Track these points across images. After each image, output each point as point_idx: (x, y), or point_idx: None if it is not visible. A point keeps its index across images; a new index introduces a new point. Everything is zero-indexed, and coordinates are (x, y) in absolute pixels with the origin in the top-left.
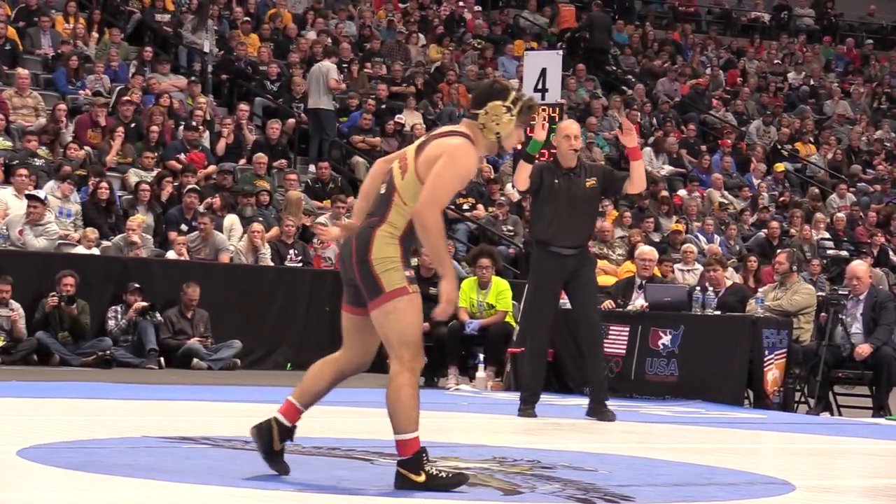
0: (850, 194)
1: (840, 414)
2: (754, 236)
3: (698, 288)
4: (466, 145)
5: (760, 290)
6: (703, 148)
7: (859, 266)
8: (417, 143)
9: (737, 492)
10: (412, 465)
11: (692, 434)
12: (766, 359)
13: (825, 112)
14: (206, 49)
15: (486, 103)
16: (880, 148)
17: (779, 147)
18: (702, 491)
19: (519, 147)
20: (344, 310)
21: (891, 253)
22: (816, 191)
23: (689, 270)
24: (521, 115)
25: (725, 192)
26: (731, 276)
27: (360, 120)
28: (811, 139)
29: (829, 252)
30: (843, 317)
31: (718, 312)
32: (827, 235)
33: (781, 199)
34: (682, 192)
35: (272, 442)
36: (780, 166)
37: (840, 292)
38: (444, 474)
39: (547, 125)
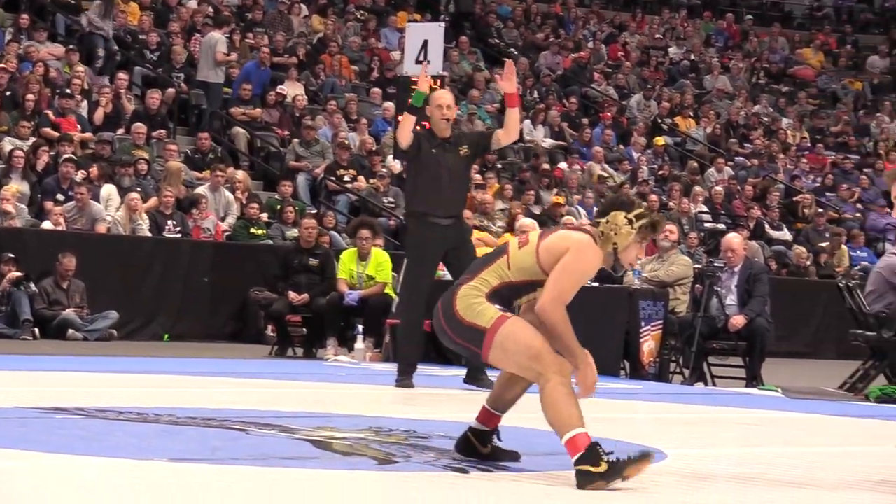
0: (728, 168)
1: (714, 384)
2: None
3: None
4: (593, 243)
5: (638, 261)
6: (585, 121)
7: (734, 238)
8: (541, 230)
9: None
10: (590, 459)
11: None
12: (642, 330)
13: (705, 87)
14: (110, 36)
15: (609, 212)
16: (758, 122)
17: (659, 121)
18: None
19: (633, 265)
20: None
21: (766, 226)
22: (695, 164)
23: None
24: (641, 231)
25: (606, 166)
26: None
27: (240, 91)
28: (691, 113)
29: (707, 225)
30: (718, 288)
31: (596, 284)
32: (704, 208)
33: (661, 172)
34: (562, 165)
35: (477, 450)
36: (659, 140)
37: (715, 264)
38: (625, 458)
39: (430, 78)
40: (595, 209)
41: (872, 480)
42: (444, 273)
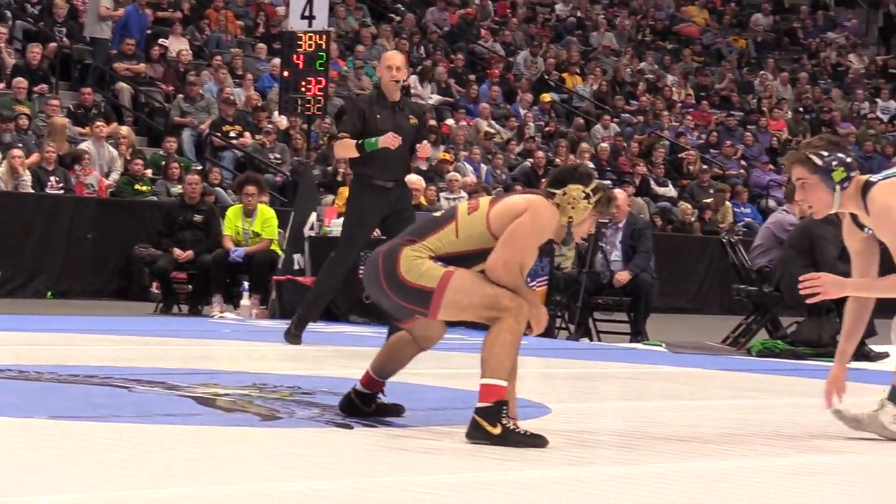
0: (614, 125)
1: (599, 339)
2: (520, 166)
3: None
4: (549, 204)
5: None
6: (471, 78)
7: (619, 194)
8: (493, 196)
9: None
10: (490, 415)
11: (454, 360)
12: (528, 286)
13: (591, 43)
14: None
15: (566, 184)
16: (643, 79)
17: (545, 77)
18: (460, 414)
19: (583, 238)
20: (401, 325)
21: (652, 182)
22: (581, 121)
23: (455, 199)
24: (598, 206)
25: (492, 122)
26: None
27: (124, 45)
28: (577, 70)
29: None
30: (603, 244)
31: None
32: (591, 165)
33: (547, 128)
34: (449, 122)
35: (360, 410)
36: (546, 96)
37: (600, 220)
38: (521, 431)
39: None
40: (481, 166)
41: (752, 433)
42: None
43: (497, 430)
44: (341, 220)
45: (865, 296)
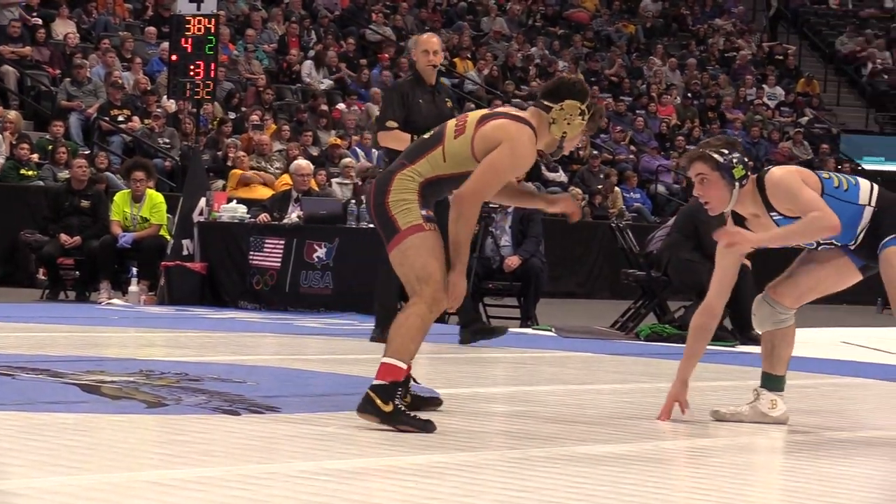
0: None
1: (490, 324)
2: None
3: (353, 201)
4: (530, 137)
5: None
6: (363, 62)
7: None
8: (482, 113)
9: None
10: (384, 393)
11: (344, 345)
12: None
13: (482, 28)
14: None
15: (564, 99)
16: (534, 65)
17: None
18: (348, 400)
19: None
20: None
21: (542, 168)
22: (472, 106)
23: (346, 184)
24: (591, 122)
25: None
26: None
27: (9, 28)
28: (468, 55)
29: None
30: (493, 229)
31: (373, 226)
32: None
33: None
34: (341, 106)
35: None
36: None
37: (490, 205)
38: (411, 413)
39: None
40: (373, 151)
41: (640, 416)
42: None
43: (388, 408)
44: (231, 204)
45: (781, 244)
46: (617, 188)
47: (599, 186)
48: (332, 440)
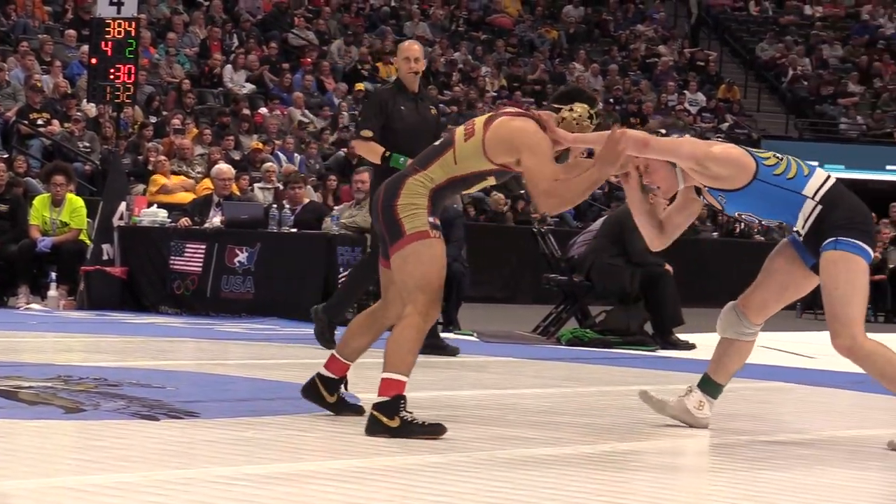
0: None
1: None
2: (334, 155)
3: (275, 206)
4: (538, 129)
5: (336, 208)
6: (285, 66)
7: None
8: (487, 115)
9: (301, 405)
10: (387, 409)
11: (265, 350)
12: (340, 276)
13: (405, 33)
14: None
15: (573, 101)
16: (457, 70)
17: (359, 67)
18: (267, 405)
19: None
20: (381, 264)
21: None
22: None
23: (268, 189)
24: (599, 129)
25: (306, 111)
26: (310, 195)
27: None
28: (391, 60)
29: None
30: None
31: (295, 230)
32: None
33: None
34: (263, 111)
35: (323, 397)
36: (360, 86)
37: None
38: (420, 421)
39: None
40: (295, 155)
41: (560, 421)
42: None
43: (395, 423)
44: (152, 209)
45: (668, 157)
46: None
47: (522, 192)
48: (251, 445)
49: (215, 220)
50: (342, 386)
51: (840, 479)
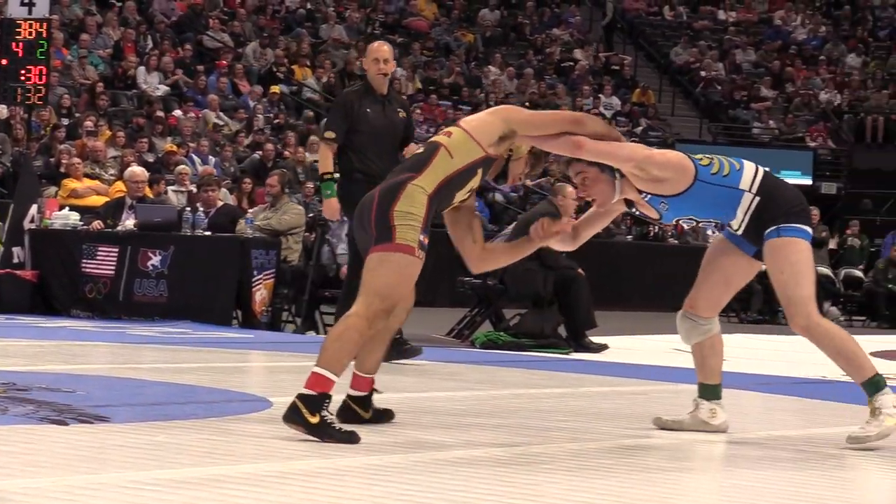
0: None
1: (325, 333)
2: (249, 158)
3: (188, 209)
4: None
5: (251, 210)
6: (200, 68)
7: None
8: (456, 123)
9: (213, 409)
10: (312, 404)
11: (178, 354)
12: (254, 279)
13: (321, 36)
14: None
15: None
16: None
17: (275, 69)
18: (180, 409)
19: (514, 182)
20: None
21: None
22: (311, 114)
23: (182, 191)
24: (537, 157)
25: (221, 114)
26: (224, 198)
27: None
28: (307, 62)
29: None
30: (330, 237)
31: (209, 233)
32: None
33: (276, 121)
34: (177, 113)
35: (360, 416)
36: (275, 88)
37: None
38: (337, 426)
39: None
40: (210, 158)
41: (474, 423)
42: None
43: (315, 420)
44: (63, 211)
45: (604, 160)
46: None
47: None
48: (162, 450)
49: (128, 222)
50: (372, 396)
51: (747, 480)
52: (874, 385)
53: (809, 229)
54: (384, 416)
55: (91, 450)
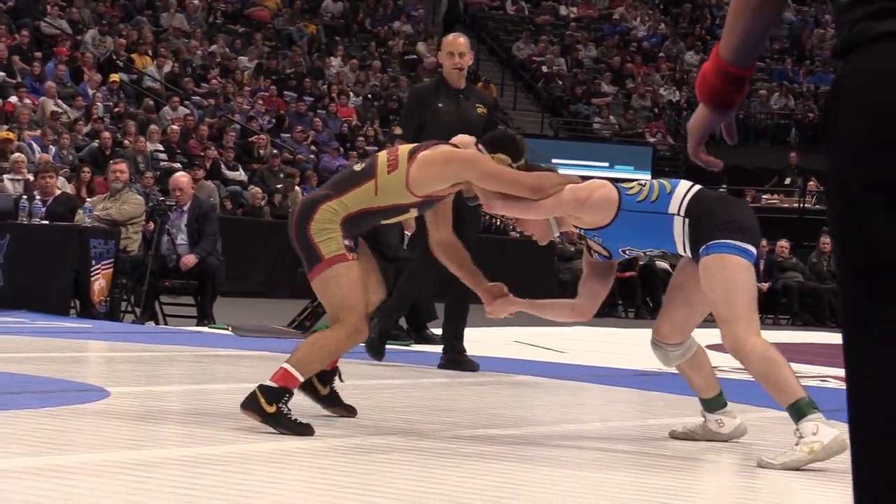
0: (184, 107)
1: (166, 323)
2: (88, 146)
3: (25, 197)
4: (454, 151)
5: (90, 199)
6: (38, 55)
7: (181, 177)
8: (410, 147)
9: (48, 399)
10: (271, 394)
11: (13, 343)
12: (93, 268)
13: (162, 24)
14: None
15: (498, 151)
16: (214, 63)
17: (114, 57)
18: (14, 399)
19: (490, 212)
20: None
21: (222, 166)
22: (151, 102)
23: (18, 179)
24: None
25: (59, 101)
26: (62, 187)
27: None
28: (148, 51)
29: (163, 164)
30: (169, 227)
31: (47, 222)
32: (161, 147)
33: (116, 109)
34: (13, 100)
35: (316, 389)
36: (115, 77)
37: (167, 203)
38: (292, 417)
39: None
40: (50, 147)
41: (306, 415)
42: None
43: (271, 409)
44: None
45: (544, 215)
46: (297, 188)
47: (279, 186)
48: (87, 432)
49: None
50: (336, 378)
51: (582, 471)
52: (797, 411)
53: (747, 245)
54: (343, 408)
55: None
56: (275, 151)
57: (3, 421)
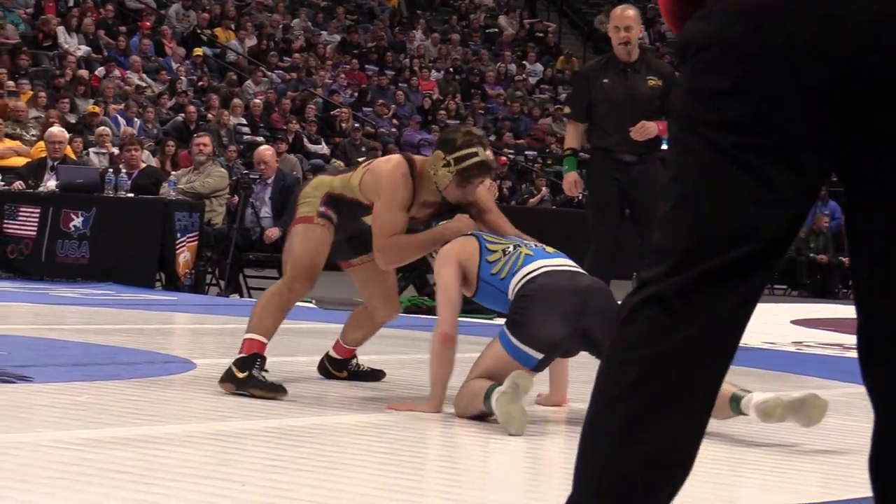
0: (267, 81)
1: (250, 296)
2: (172, 120)
3: (111, 170)
4: (395, 177)
5: (174, 173)
6: (123, 29)
7: (266, 151)
8: (384, 159)
9: (136, 370)
10: (242, 363)
11: (100, 315)
12: (178, 241)
13: None
14: None
15: (438, 148)
16: (296, 36)
17: (198, 31)
18: (102, 370)
19: (463, 202)
20: (342, 266)
21: (305, 139)
22: (234, 76)
23: (103, 153)
24: (461, 174)
25: (144, 76)
26: (147, 160)
27: None
28: (231, 25)
29: (246, 138)
30: (253, 201)
31: (132, 195)
32: (243, 121)
33: (200, 83)
34: (99, 73)
35: (334, 374)
36: (198, 51)
37: (251, 176)
38: (263, 378)
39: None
40: (135, 120)
41: (395, 388)
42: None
43: (243, 375)
44: None
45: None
46: None
47: (361, 159)
48: (84, 409)
49: (50, 183)
50: (353, 361)
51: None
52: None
53: (527, 349)
54: (367, 375)
55: (13, 409)
56: (356, 125)
57: (93, 391)
